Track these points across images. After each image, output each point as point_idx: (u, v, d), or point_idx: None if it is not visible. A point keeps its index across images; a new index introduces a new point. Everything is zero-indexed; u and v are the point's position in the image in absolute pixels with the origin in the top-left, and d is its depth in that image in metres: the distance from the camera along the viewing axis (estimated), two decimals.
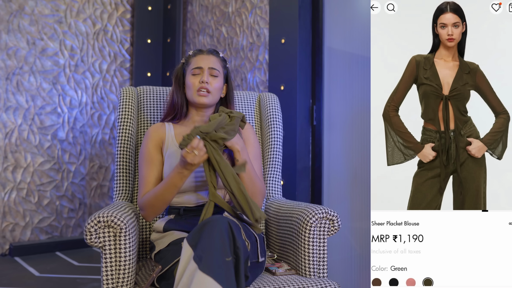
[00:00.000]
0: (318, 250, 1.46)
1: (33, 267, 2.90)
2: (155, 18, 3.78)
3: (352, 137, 2.38)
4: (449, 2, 1.60)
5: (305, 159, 2.53)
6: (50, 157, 3.38)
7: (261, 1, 2.89)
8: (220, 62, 1.57)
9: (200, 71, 1.52)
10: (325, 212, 1.46)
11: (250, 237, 1.31)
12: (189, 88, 1.53)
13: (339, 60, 2.49)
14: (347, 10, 2.47)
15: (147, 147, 1.52)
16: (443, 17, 1.59)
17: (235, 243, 1.14)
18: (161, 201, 1.39)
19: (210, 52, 1.57)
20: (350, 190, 2.38)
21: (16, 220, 3.24)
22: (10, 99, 3.23)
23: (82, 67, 3.54)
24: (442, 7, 1.60)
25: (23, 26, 3.29)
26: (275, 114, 1.87)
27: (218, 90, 1.54)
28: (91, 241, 1.29)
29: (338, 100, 2.49)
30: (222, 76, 1.56)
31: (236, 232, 1.16)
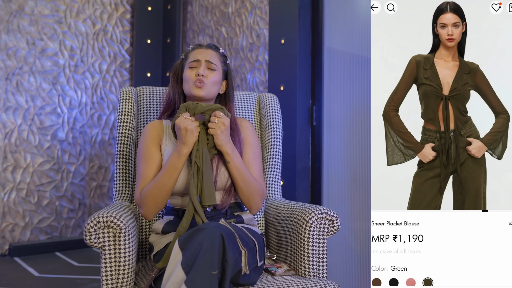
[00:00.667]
0: (318, 251, 1.45)
1: (33, 268, 2.90)
2: (155, 18, 3.78)
3: (352, 137, 2.38)
4: (449, 2, 1.60)
5: (304, 159, 2.53)
6: (50, 157, 3.37)
7: (261, 2, 2.89)
8: (219, 57, 1.54)
9: (197, 64, 1.49)
10: (325, 212, 1.46)
11: (247, 244, 1.28)
12: (186, 81, 1.50)
13: (339, 61, 2.49)
14: (347, 10, 2.47)
15: (145, 144, 1.49)
16: (443, 17, 1.59)
17: (224, 256, 1.13)
18: (162, 189, 1.36)
19: (209, 46, 1.54)
20: (350, 190, 2.38)
21: (15, 220, 3.24)
22: (9, 99, 3.23)
23: (82, 67, 3.54)
24: (442, 7, 1.60)
25: (22, 26, 3.29)
26: (275, 115, 1.86)
27: (214, 84, 1.50)
28: (90, 241, 1.29)
29: (338, 101, 2.48)
30: (220, 71, 1.52)
31: (228, 244, 1.14)
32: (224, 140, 1.38)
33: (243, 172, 1.41)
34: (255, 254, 1.34)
